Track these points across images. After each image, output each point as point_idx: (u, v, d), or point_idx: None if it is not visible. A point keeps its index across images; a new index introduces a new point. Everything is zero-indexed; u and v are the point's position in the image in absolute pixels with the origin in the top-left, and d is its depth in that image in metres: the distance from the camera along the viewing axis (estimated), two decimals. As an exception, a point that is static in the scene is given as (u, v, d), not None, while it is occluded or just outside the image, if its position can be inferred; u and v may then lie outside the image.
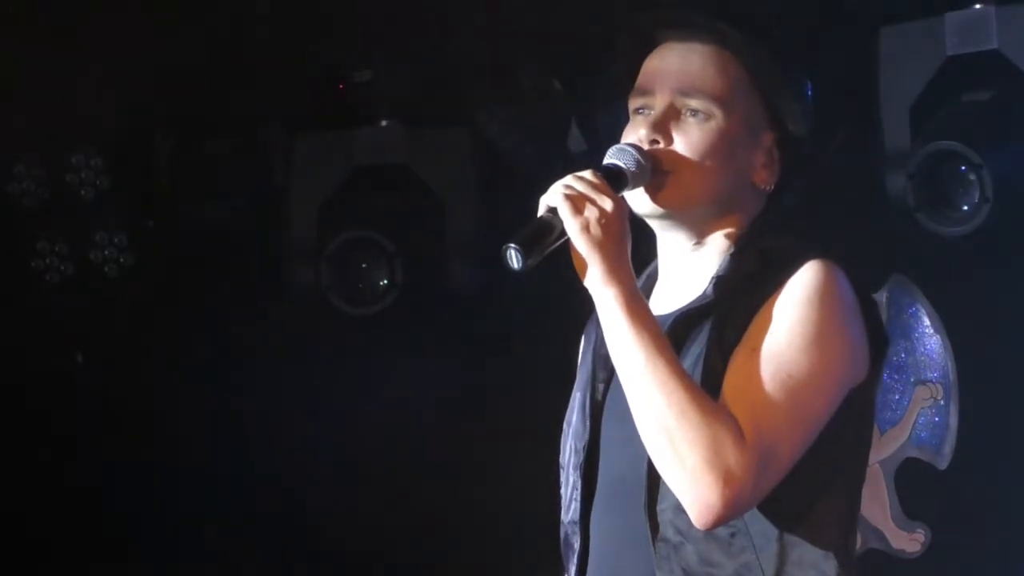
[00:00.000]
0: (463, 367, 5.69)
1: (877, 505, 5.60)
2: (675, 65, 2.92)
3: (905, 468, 5.57)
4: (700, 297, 2.87)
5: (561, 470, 3.00)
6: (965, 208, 5.05)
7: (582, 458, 2.92)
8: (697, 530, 2.74)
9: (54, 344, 6.03)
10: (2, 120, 5.63)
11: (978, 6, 5.09)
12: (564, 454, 2.99)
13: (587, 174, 2.81)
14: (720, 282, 2.87)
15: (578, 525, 2.92)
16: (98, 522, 5.98)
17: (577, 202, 2.77)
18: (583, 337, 3.08)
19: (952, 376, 5.49)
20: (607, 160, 2.86)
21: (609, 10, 5.27)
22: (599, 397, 2.93)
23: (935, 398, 5.51)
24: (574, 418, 2.98)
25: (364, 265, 5.86)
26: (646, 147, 2.87)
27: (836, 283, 2.82)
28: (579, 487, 2.92)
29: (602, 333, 2.83)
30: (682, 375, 2.72)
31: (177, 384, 5.97)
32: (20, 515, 5.95)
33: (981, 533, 5.29)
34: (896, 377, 5.59)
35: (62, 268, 5.97)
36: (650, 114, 2.90)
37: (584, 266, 2.78)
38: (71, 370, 6.07)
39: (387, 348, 5.86)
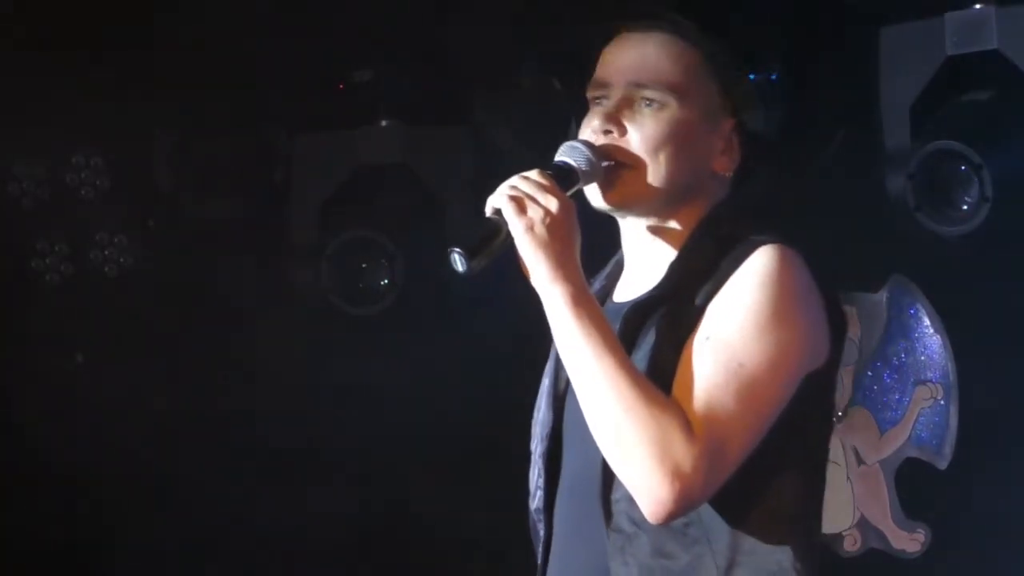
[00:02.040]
0: (463, 367, 5.69)
1: (877, 505, 5.60)
2: (630, 55, 2.91)
3: (905, 468, 5.57)
4: (654, 287, 2.86)
5: (532, 457, 3.00)
6: (965, 208, 5.05)
7: (545, 447, 2.93)
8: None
9: (54, 344, 6.02)
10: (2, 120, 5.63)
11: (978, 6, 5.09)
12: (533, 441, 3.00)
13: (533, 174, 2.80)
14: (674, 270, 2.86)
15: (543, 513, 2.93)
16: (98, 522, 5.98)
17: (521, 203, 2.76)
18: None
19: (952, 376, 5.49)
20: (557, 158, 2.85)
21: (609, 10, 5.28)
22: (562, 387, 2.93)
23: (935, 398, 5.51)
24: (542, 404, 2.99)
25: (364, 265, 5.86)
26: (599, 138, 2.87)
27: (789, 267, 2.78)
28: (543, 475, 2.93)
29: None
30: (630, 371, 2.71)
31: (177, 384, 5.96)
32: (20, 515, 5.95)
33: (981, 533, 5.29)
34: (896, 377, 5.59)
35: (62, 268, 5.96)
36: (605, 104, 2.89)
37: (528, 265, 2.77)
38: (71, 370, 6.06)
39: (387, 348, 5.86)
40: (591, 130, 2.88)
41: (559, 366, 2.92)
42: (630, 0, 3.03)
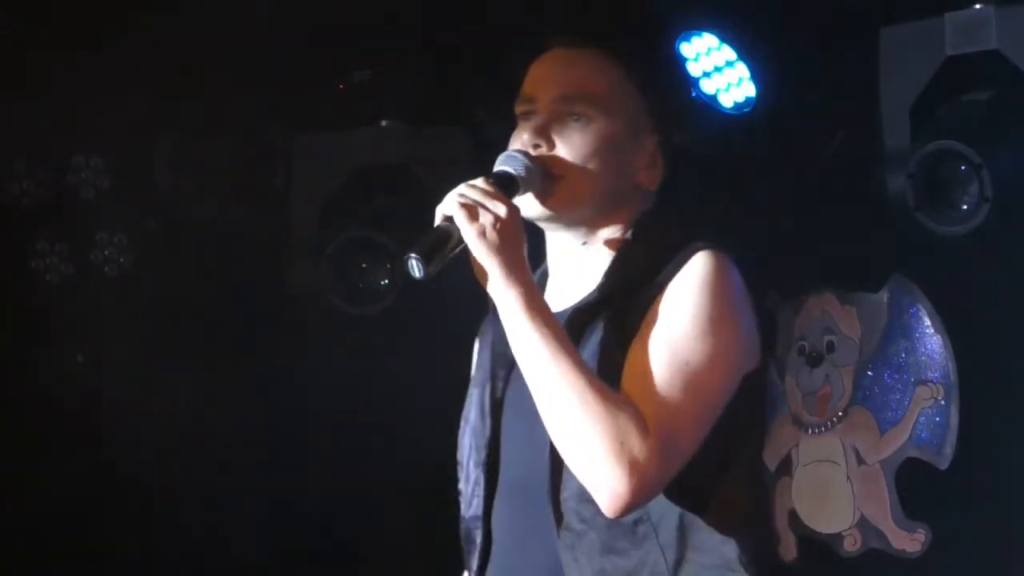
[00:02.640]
0: (463, 367, 5.69)
1: (877, 505, 5.60)
2: (557, 71, 2.99)
3: (906, 468, 5.57)
4: (594, 291, 2.94)
5: (459, 467, 3.07)
6: (965, 208, 5.04)
7: (484, 455, 2.99)
8: (601, 518, 2.81)
9: (54, 344, 6.03)
10: (2, 120, 5.63)
11: (978, 6, 5.08)
12: (462, 451, 3.06)
13: (479, 182, 2.87)
14: (612, 276, 2.94)
15: (480, 520, 2.99)
16: (98, 521, 5.98)
17: (472, 209, 2.84)
18: (477, 337, 3.17)
19: (953, 376, 5.49)
20: (497, 167, 2.94)
21: (608, 11, 5.28)
22: (499, 394, 3.00)
23: (936, 398, 5.51)
24: (472, 415, 3.05)
25: (364, 265, 5.86)
26: (531, 152, 2.94)
27: (726, 272, 2.89)
28: (482, 483, 2.99)
29: (499, 331, 2.90)
30: (584, 369, 2.80)
31: (177, 384, 5.96)
32: (20, 514, 5.95)
33: (981, 533, 5.29)
34: (897, 377, 5.59)
35: (62, 268, 5.97)
36: (533, 119, 2.97)
37: (483, 271, 2.85)
38: (71, 370, 6.06)
39: (387, 348, 5.86)
40: (521, 143, 2.97)
41: (493, 375, 3.01)
42: (562, 17, 3.11)
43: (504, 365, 2.99)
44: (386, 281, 5.84)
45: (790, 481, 5.78)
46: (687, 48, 5.44)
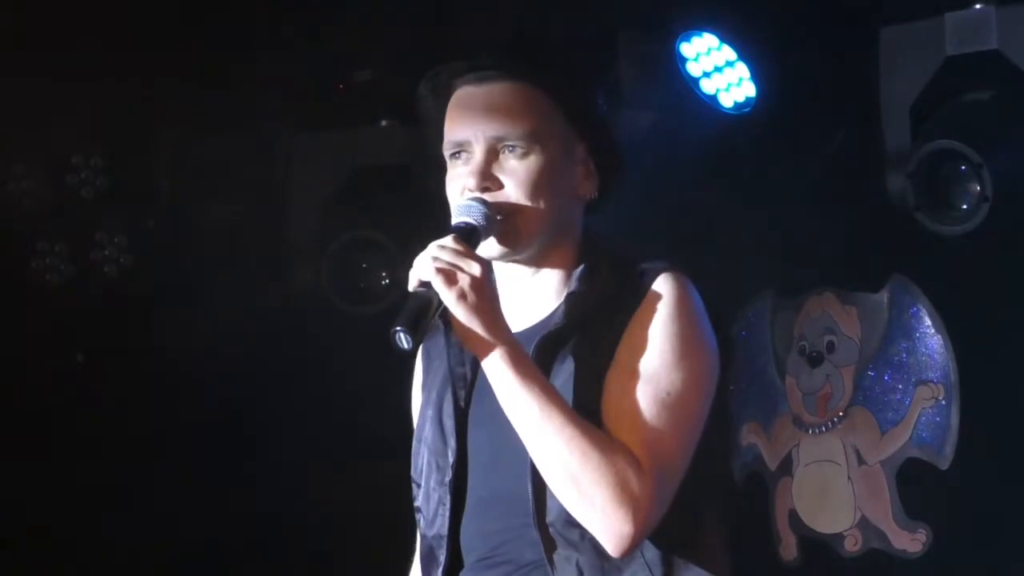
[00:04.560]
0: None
1: (878, 505, 5.60)
2: (481, 108, 3.00)
3: (906, 468, 5.57)
4: (556, 316, 2.95)
5: (414, 485, 3.08)
6: (965, 207, 5.05)
7: (450, 475, 2.99)
8: (588, 540, 2.84)
9: (54, 344, 6.03)
10: (2, 120, 5.63)
11: (978, 6, 5.09)
12: (417, 469, 3.07)
13: (449, 242, 2.88)
14: (574, 301, 2.95)
15: (445, 539, 3.00)
16: (98, 521, 5.98)
17: (449, 274, 2.85)
18: (419, 355, 3.17)
19: (953, 376, 5.49)
20: (458, 219, 2.94)
21: (607, 13, 5.28)
22: (460, 416, 3.00)
23: (936, 398, 5.51)
24: (428, 434, 3.05)
25: (364, 265, 5.86)
26: (481, 196, 2.95)
27: (688, 292, 2.91)
28: (447, 502, 2.99)
29: (455, 352, 2.97)
30: (575, 419, 2.81)
31: (177, 384, 5.96)
32: (20, 514, 5.95)
33: (981, 533, 5.29)
34: (897, 377, 5.59)
35: (62, 268, 5.96)
36: (470, 161, 2.97)
37: (466, 330, 2.85)
38: (71, 370, 6.06)
39: (387, 348, 5.84)
40: (468, 188, 2.96)
41: (455, 397, 3.01)
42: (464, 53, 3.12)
43: (463, 385, 3.01)
44: (386, 281, 5.83)
45: (791, 481, 5.78)
46: (687, 48, 5.45)
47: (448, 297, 2.84)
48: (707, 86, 5.45)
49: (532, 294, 3.01)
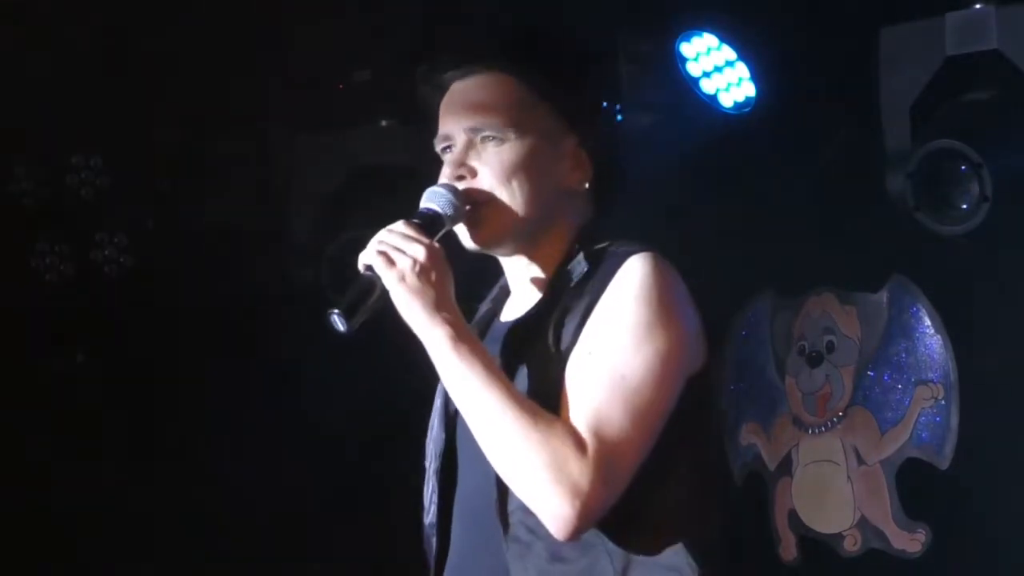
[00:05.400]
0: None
1: (878, 505, 5.60)
2: (462, 101, 3.03)
3: (906, 468, 5.57)
4: (534, 305, 2.96)
5: (425, 472, 3.11)
6: (964, 207, 5.04)
7: (438, 464, 3.03)
8: (547, 528, 2.79)
9: (54, 344, 6.03)
10: (2, 120, 5.64)
11: (978, 6, 5.09)
12: (427, 457, 3.11)
13: (399, 225, 2.90)
14: (552, 289, 2.95)
15: (436, 528, 3.03)
16: (98, 521, 5.98)
17: (389, 256, 2.86)
18: None
19: (953, 376, 5.49)
20: (421, 205, 2.96)
21: (608, 12, 5.28)
22: (453, 407, 2.99)
23: (936, 398, 5.51)
24: (434, 423, 3.09)
25: (364, 265, 5.85)
26: (456, 185, 2.97)
27: (660, 275, 2.85)
28: (436, 491, 3.03)
29: None
30: (516, 399, 2.79)
31: (177, 384, 5.97)
32: (20, 515, 5.96)
33: (981, 533, 5.29)
34: (897, 377, 5.59)
35: (62, 268, 5.97)
36: (452, 153, 3.00)
37: (406, 312, 2.87)
38: (71, 370, 6.07)
39: (387, 348, 5.85)
40: (445, 179, 2.99)
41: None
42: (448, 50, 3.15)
43: None
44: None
45: (790, 481, 5.78)
46: (687, 48, 5.45)
47: (387, 278, 2.85)
48: (707, 86, 5.45)
49: (526, 286, 3.02)
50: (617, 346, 2.80)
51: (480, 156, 2.98)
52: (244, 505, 5.94)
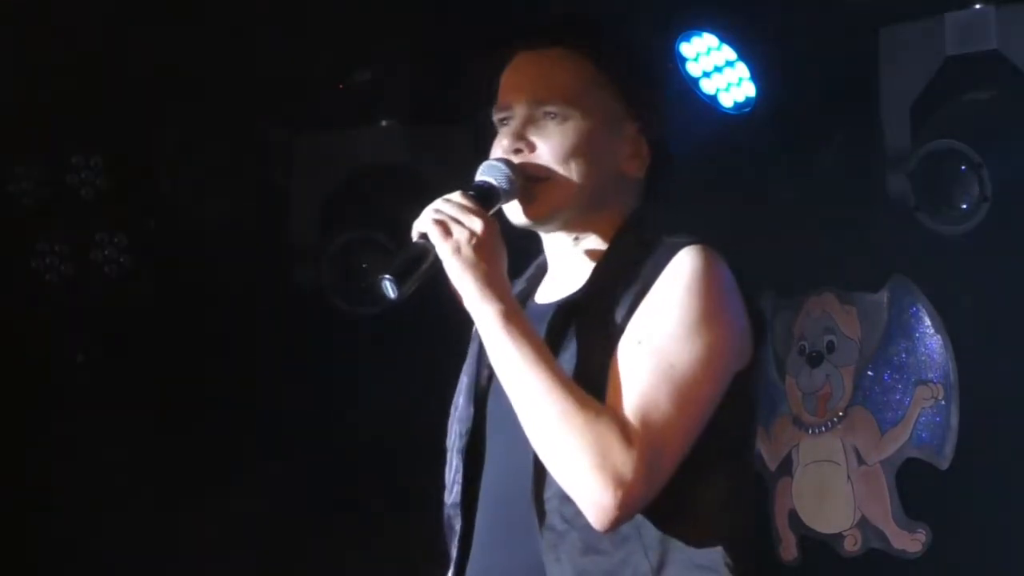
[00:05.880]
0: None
1: (878, 505, 5.60)
2: (528, 74, 2.98)
3: (906, 468, 5.57)
4: (578, 290, 2.91)
5: (447, 452, 3.04)
6: (965, 207, 5.05)
7: (465, 442, 2.96)
8: (583, 518, 2.76)
9: (54, 344, 6.03)
10: (2, 120, 5.64)
11: (978, 6, 5.09)
12: (449, 437, 3.04)
13: (456, 196, 2.86)
14: (599, 273, 2.91)
15: (459, 508, 2.96)
16: (98, 521, 5.98)
17: (446, 226, 2.82)
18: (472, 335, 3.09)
19: (953, 376, 5.49)
20: (478, 178, 2.92)
21: (608, 12, 5.27)
22: (484, 383, 2.97)
23: (936, 398, 5.51)
24: (460, 401, 3.03)
25: (364, 265, 5.86)
26: (511, 157, 2.93)
27: (712, 268, 2.83)
28: (461, 470, 2.96)
29: None
30: (564, 382, 2.76)
31: (177, 384, 5.97)
32: (20, 515, 5.95)
33: (981, 533, 5.29)
34: (897, 377, 5.59)
35: (62, 268, 5.97)
36: (511, 124, 2.95)
37: (459, 285, 2.82)
38: (71, 370, 6.06)
39: (387, 348, 5.85)
40: (502, 150, 2.95)
41: (480, 363, 2.98)
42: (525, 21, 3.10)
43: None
44: (386, 281, 5.83)
45: (790, 481, 5.78)
46: (687, 48, 5.45)
47: (442, 249, 2.81)
48: (707, 86, 5.46)
49: (571, 268, 2.96)
50: (667, 336, 2.76)
51: (540, 131, 2.93)
52: (244, 505, 5.94)
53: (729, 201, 5.53)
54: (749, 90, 5.46)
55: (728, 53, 5.45)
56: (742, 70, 5.46)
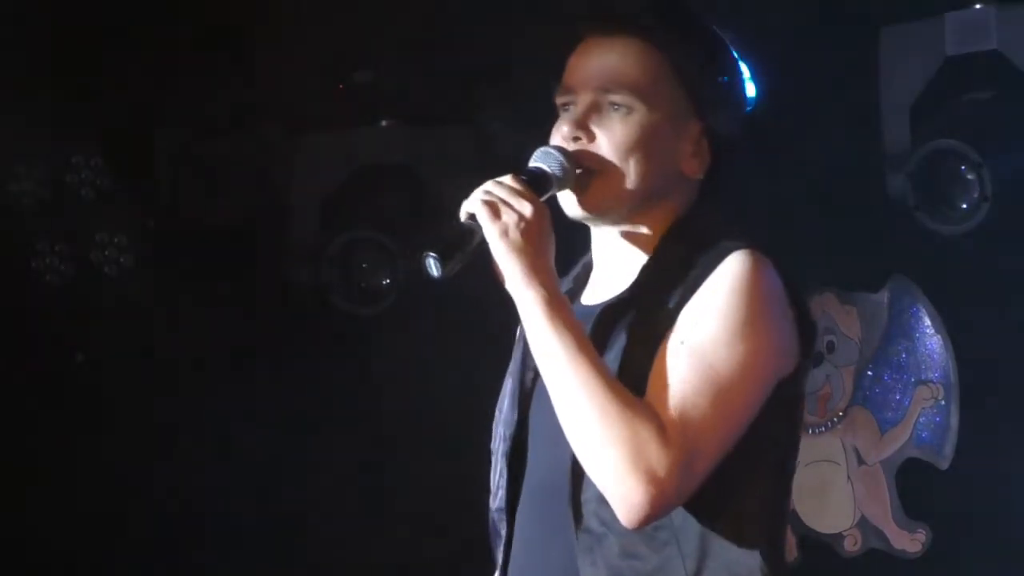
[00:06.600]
0: (464, 367, 5.69)
1: (878, 505, 5.60)
2: (596, 61, 2.90)
3: (906, 468, 5.57)
4: (626, 289, 2.86)
5: (491, 455, 2.99)
6: (964, 207, 5.05)
7: (509, 446, 2.92)
8: (620, 522, 2.72)
9: (54, 344, 6.02)
10: (2, 120, 5.63)
11: (978, 6, 5.10)
12: (494, 441, 3.00)
13: (508, 179, 2.80)
14: (647, 274, 2.86)
15: (504, 512, 2.92)
16: (97, 521, 5.98)
17: (495, 207, 2.77)
18: (518, 325, 3.02)
19: (953, 376, 5.49)
20: (531, 163, 2.85)
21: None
22: (528, 386, 2.92)
23: (936, 398, 5.51)
24: (505, 404, 2.98)
25: (365, 265, 5.86)
26: (569, 145, 2.86)
27: (761, 273, 2.78)
28: (505, 475, 2.92)
29: None
30: (604, 374, 2.71)
31: (177, 384, 5.96)
32: (19, 515, 5.95)
33: (981, 533, 5.29)
34: (897, 377, 5.59)
35: (62, 268, 5.96)
36: (573, 111, 2.89)
37: (504, 268, 2.77)
38: (71, 370, 6.06)
39: (387, 348, 5.85)
40: (561, 136, 2.88)
41: (524, 366, 2.93)
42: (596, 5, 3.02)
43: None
44: (387, 281, 5.83)
45: (790, 481, 5.78)
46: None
47: (490, 231, 2.75)
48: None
49: (619, 266, 2.91)
50: (712, 339, 2.72)
51: (602, 121, 2.86)
52: (244, 505, 5.94)
53: (729, 201, 5.52)
54: (749, 90, 5.46)
55: (728, 53, 5.44)
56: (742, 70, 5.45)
